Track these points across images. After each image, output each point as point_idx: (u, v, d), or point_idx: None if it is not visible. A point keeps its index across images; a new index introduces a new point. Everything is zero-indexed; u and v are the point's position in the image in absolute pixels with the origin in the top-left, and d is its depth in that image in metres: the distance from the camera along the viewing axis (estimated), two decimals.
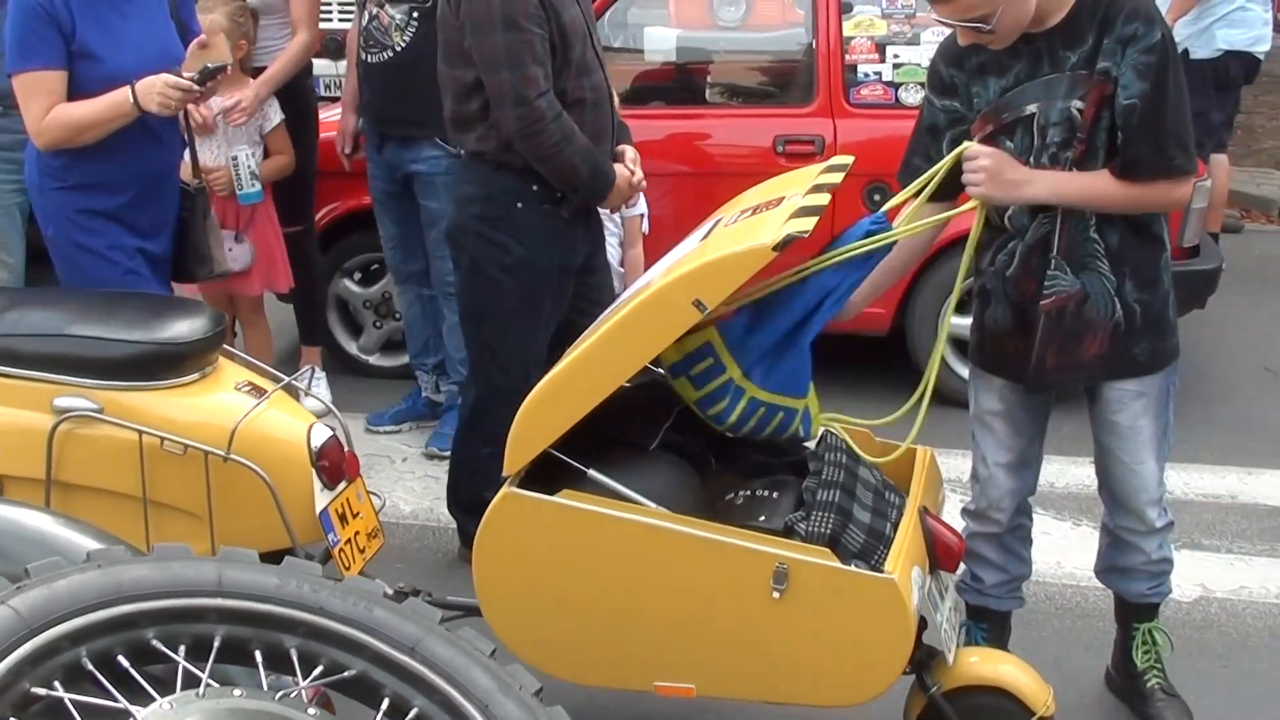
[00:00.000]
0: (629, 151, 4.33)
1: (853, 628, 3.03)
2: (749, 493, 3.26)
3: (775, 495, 3.21)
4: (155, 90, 3.97)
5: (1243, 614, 4.43)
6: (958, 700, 3.28)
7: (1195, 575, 4.60)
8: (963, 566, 3.65)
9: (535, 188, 4.11)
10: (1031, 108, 3.26)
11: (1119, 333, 3.40)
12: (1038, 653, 3.88)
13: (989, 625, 3.79)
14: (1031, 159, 3.29)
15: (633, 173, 4.28)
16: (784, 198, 3.22)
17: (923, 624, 3.24)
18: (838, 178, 3.28)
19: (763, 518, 3.17)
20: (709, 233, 3.33)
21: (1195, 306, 5.91)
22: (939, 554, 3.22)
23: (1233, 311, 4.75)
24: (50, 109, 4.00)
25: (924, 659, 3.28)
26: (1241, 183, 9.89)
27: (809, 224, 2.93)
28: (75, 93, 4.02)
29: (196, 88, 4.04)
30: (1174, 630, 4.14)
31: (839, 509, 3.13)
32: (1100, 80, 3.18)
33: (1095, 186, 3.26)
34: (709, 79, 6.79)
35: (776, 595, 3.01)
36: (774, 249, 2.87)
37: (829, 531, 3.07)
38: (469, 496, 4.36)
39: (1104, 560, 3.77)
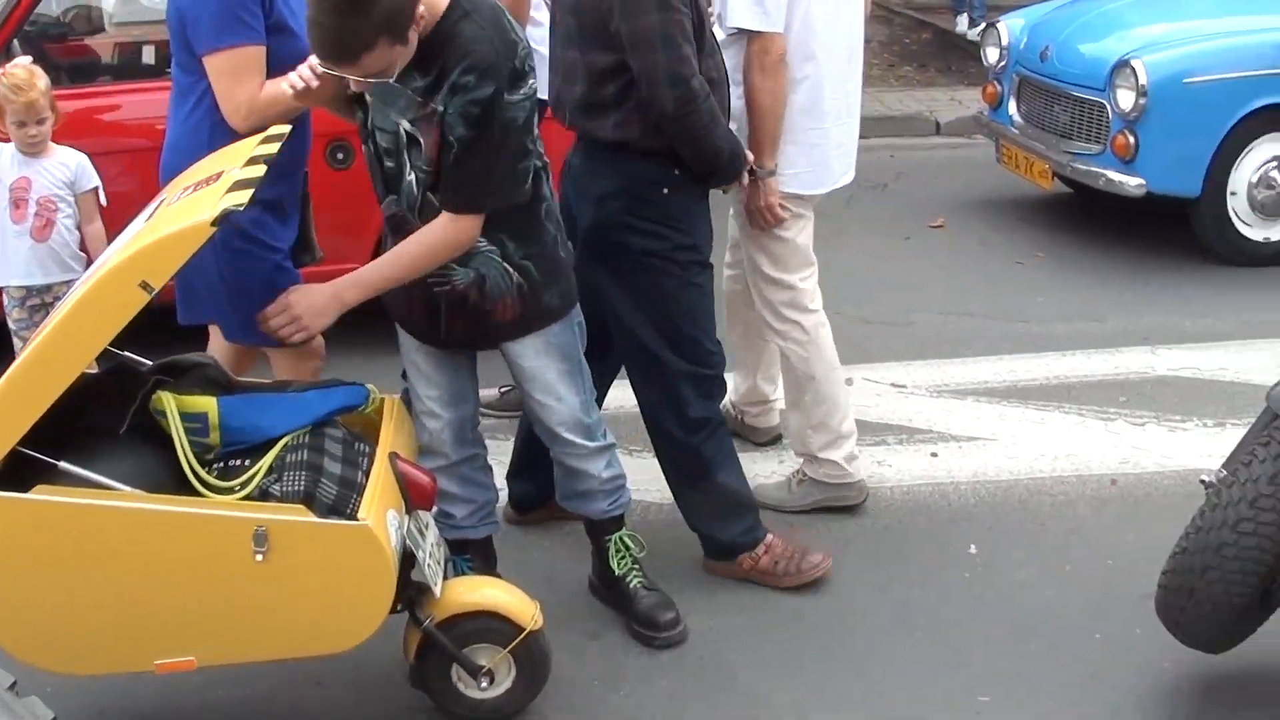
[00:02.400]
0: None
1: (336, 577, 3.16)
2: (223, 464, 3.32)
3: (247, 462, 3.29)
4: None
5: None
6: (451, 629, 3.45)
7: None
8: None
9: (677, 172, 3.97)
10: (369, 96, 3.43)
11: (524, 292, 3.61)
12: (530, 572, 4.13)
13: (472, 555, 3.97)
14: (368, 140, 3.49)
15: None
16: (223, 172, 3.28)
17: (412, 562, 3.40)
18: (274, 149, 3.35)
19: (238, 484, 3.25)
20: (154, 213, 3.35)
21: None
22: (412, 494, 3.35)
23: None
24: (262, 86, 3.72)
25: (415, 595, 3.44)
26: None
27: (244, 197, 3.00)
28: (269, 68, 3.76)
29: None
30: (658, 531, 4.48)
31: (309, 466, 3.24)
32: (438, 121, 3.34)
33: (391, 262, 3.49)
34: (159, 50, 6.67)
35: (259, 558, 3.09)
36: (212, 224, 2.93)
37: (302, 489, 3.19)
38: (701, 496, 4.27)
39: (562, 489, 4.01)
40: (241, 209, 2.97)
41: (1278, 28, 7.34)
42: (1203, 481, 3.61)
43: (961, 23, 12.74)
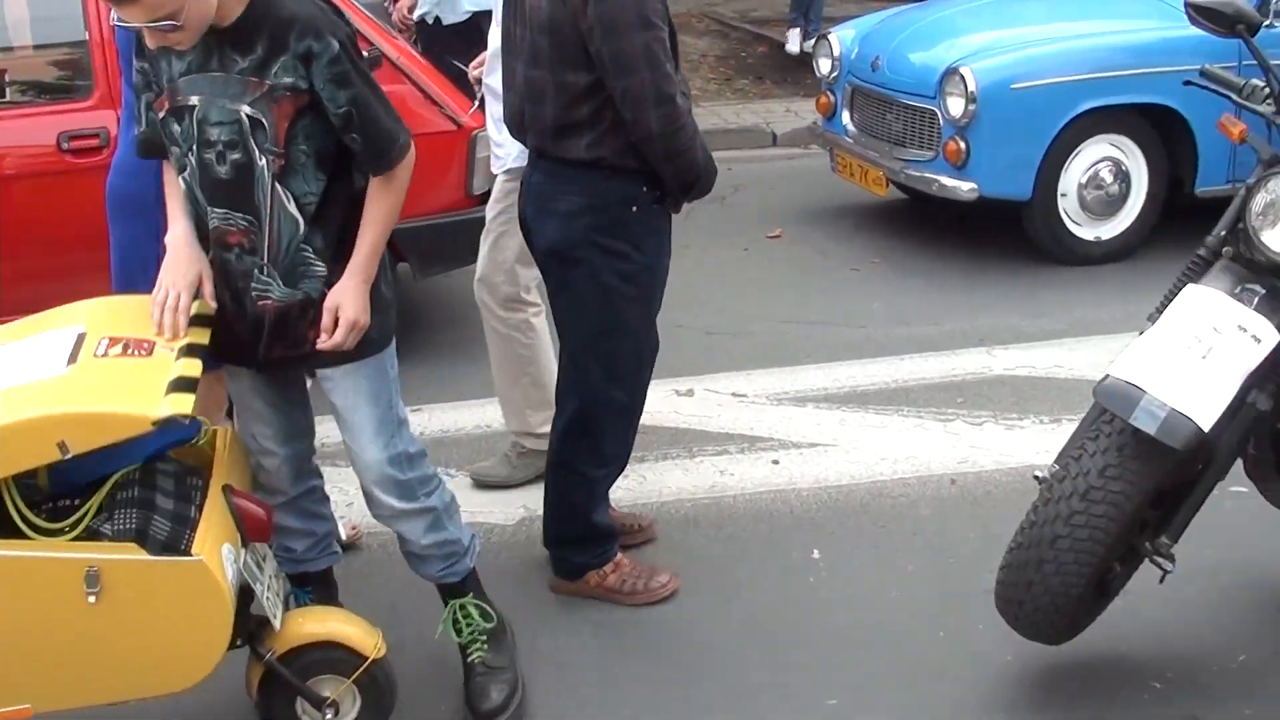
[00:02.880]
0: None
1: (172, 614, 3.11)
2: (52, 505, 3.24)
3: (77, 502, 3.21)
4: None
5: None
6: (293, 661, 3.41)
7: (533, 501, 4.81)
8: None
9: (645, 189, 3.87)
10: (195, 99, 3.31)
11: None
12: (374, 600, 4.09)
13: (313, 587, 3.87)
14: (195, 150, 3.34)
15: None
16: (154, 344, 3.23)
17: (251, 596, 3.35)
18: (205, 337, 3.32)
19: (67, 525, 3.17)
20: (75, 353, 3.19)
21: None
22: (248, 527, 3.29)
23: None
24: None
25: (255, 629, 3.39)
26: None
27: (189, 406, 3.02)
28: None
29: None
30: (500, 551, 4.52)
31: (141, 503, 3.17)
32: (289, 94, 3.26)
33: (374, 232, 3.41)
34: None
35: (92, 599, 3.04)
36: (154, 424, 2.97)
37: (134, 527, 3.12)
38: (579, 527, 4.25)
39: (400, 540, 3.81)
40: (187, 419, 3.02)
41: (1103, 33, 7.56)
42: (1036, 477, 3.68)
43: (792, 39, 12.75)
